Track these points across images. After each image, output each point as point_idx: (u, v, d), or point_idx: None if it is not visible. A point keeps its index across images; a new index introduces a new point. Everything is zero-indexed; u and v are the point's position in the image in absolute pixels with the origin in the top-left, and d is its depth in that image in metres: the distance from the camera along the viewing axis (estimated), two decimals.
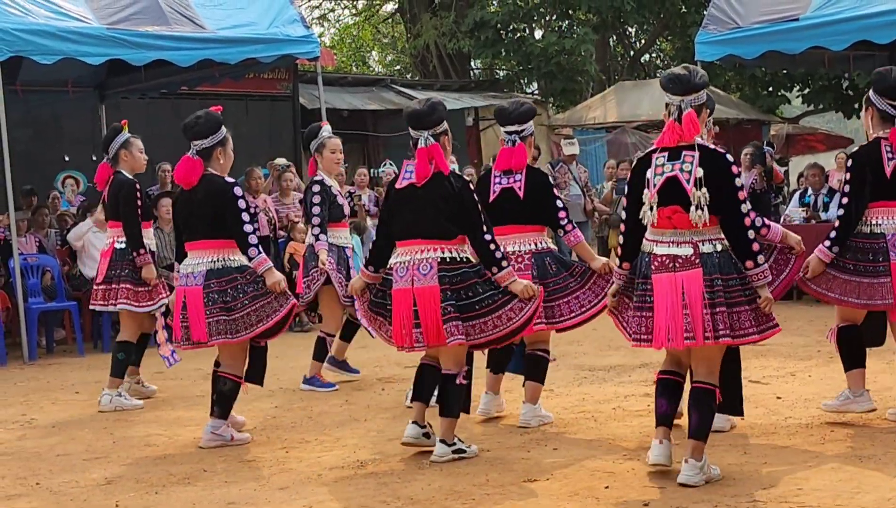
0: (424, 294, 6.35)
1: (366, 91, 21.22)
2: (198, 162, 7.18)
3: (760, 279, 5.70)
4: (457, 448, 6.48)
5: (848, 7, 12.87)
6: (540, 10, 26.24)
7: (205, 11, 12.97)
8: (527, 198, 7.24)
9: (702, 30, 14.39)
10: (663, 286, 5.68)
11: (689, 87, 5.75)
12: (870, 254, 6.72)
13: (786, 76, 24.30)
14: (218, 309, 7.05)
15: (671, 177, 5.69)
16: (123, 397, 8.67)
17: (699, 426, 5.73)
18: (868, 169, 6.72)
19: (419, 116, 6.56)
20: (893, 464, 5.88)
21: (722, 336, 5.63)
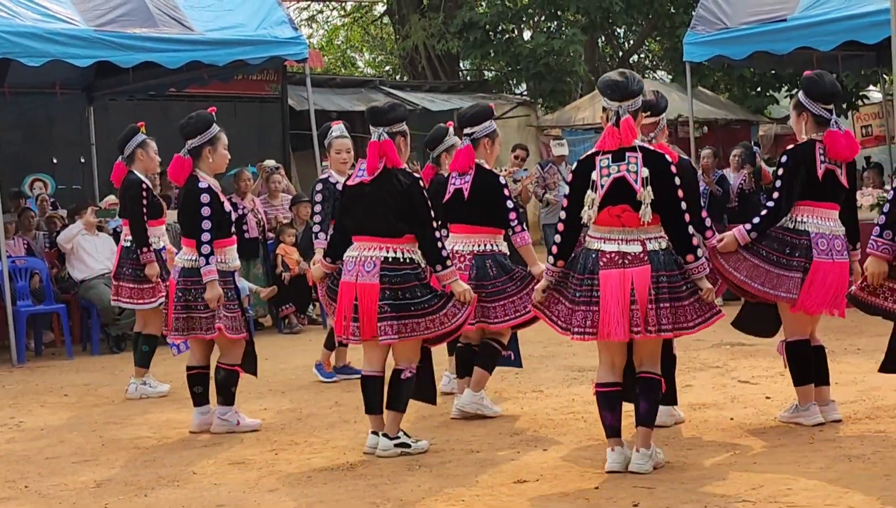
0: (365, 291, 6.56)
1: (355, 92, 21.22)
2: (186, 161, 7.39)
3: (700, 272, 5.99)
4: (400, 441, 6.65)
5: (835, 7, 12.90)
6: (528, 11, 26.25)
7: (193, 13, 12.95)
8: (472, 198, 7.46)
9: (690, 30, 14.42)
10: (613, 282, 5.90)
11: (626, 93, 5.97)
12: (787, 247, 6.79)
13: (774, 76, 24.32)
14: (181, 306, 7.43)
15: (619, 177, 5.92)
16: (148, 384, 8.95)
17: (647, 414, 6.01)
18: (802, 168, 6.83)
19: (377, 112, 6.79)
20: (882, 464, 5.90)
21: (664, 330, 5.91)
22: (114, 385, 9.78)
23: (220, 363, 7.58)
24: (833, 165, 6.83)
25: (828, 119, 6.86)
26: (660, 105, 7.02)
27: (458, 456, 6.56)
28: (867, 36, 12.47)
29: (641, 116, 6.16)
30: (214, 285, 7.31)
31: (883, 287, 6.21)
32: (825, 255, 6.75)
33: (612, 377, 6.10)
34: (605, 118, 6.03)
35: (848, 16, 12.71)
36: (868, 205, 12.60)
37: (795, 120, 7.07)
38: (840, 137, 6.82)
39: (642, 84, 6.06)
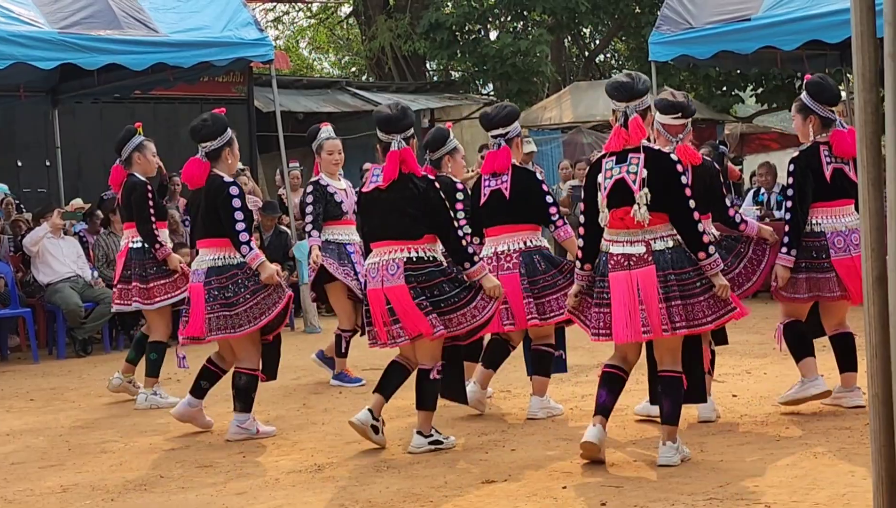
0: (395, 293, 6.55)
1: (321, 93, 21.19)
2: (205, 164, 7.37)
3: (713, 268, 6.00)
4: (433, 439, 6.70)
5: (798, 7, 12.98)
6: (495, 12, 26.28)
7: (158, 15, 12.91)
8: (513, 197, 7.45)
9: (655, 30, 14.48)
10: (620, 284, 5.96)
11: (632, 93, 6.07)
12: (813, 251, 7.07)
13: (739, 76, 24.46)
14: (219, 305, 7.25)
15: (619, 179, 5.99)
16: (159, 395, 8.78)
17: (671, 411, 6.06)
18: (809, 172, 7.05)
19: (391, 120, 6.74)
20: (847, 460, 5.94)
21: (679, 328, 5.93)
22: (80, 389, 9.74)
23: (239, 369, 7.41)
24: (841, 163, 7.04)
25: (833, 119, 7.07)
26: (690, 108, 7.10)
27: (427, 457, 6.56)
28: (830, 35, 12.56)
29: (651, 116, 6.26)
30: (267, 265, 7.28)
31: None
32: (843, 252, 7.02)
33: (621, 363, 6.24)
34: (615, 119, 6.12)
35: (811, 15, 12.79)
36: None
37: (801, 123, 7.20)
38: (846, 135, 7.03)
39: (648, 84, 6.15)
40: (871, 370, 3.02)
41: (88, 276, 12.21)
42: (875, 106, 2.97)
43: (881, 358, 2.95)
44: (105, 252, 12.47)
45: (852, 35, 2.97)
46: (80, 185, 17.14)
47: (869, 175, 2.94)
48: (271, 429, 7.49)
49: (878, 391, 2.98)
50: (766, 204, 14.56)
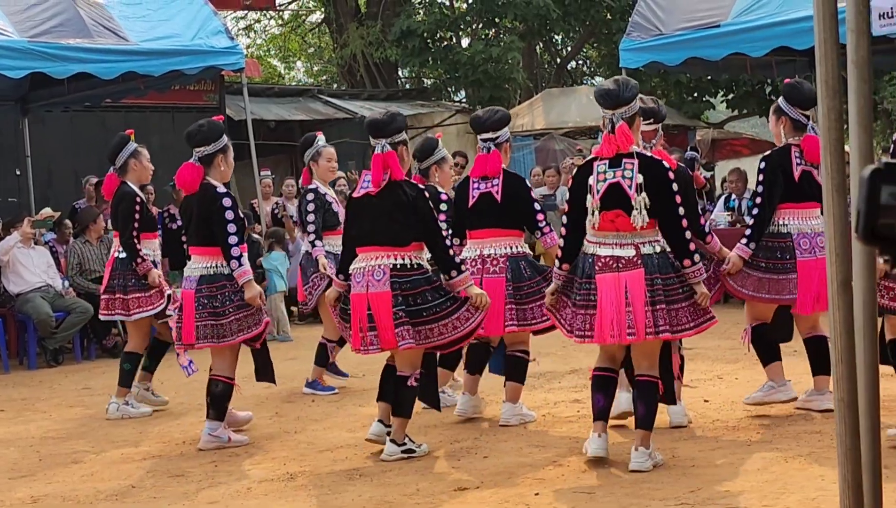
0: (377, 300, 6.58)
1: (293, 101, 21.16)
2: (199, 168, 7.40)
3: (696, 277, 6.11)
4: (406, 447, 6.70)
5: (767, 14, 13.05)
6: (466, 19, 26.31)
7: (128, 23, 12.88)
8: (504, 202, 7.49)
9: (626, 37, 14.53)
10: (608, 285, 6.04)
11: (618, 101, 6.13)
12: (777, 252, 7.18)
13: (710, 82, 24.56)
14: (207, 313, 7.30)
15: (614, 183, 6.06)
16: (130, 405, 8.70)
17: (645, 416, 6.13)
18: (780, 172, 7.15)
19: (378, 124, 6.83)
20: (818, 464, 5.97)
21: (662, 331, 6.01)
22: (51, 400, 9.69)
23: (215, 376, 7.41)
24: (810, 167, 7.15)
25: (805, 124, 7.19)
26: (660, 112, 7.20)
27: (399, 465, 6.56)
28: (798, 42, 12.63)
29: (639, 121, 6.33)
30: (252, 285, 7.34)
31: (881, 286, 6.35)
32: (808, 253, 7.13)
33: (609, 364, 6.33)
34: (602, 125, 6.23)
35: (779, 22, 12.86)
36: None
37: (774, 124, 7.35)
38: (817, 141, 7.06)
39: (636, 90, 6.21)
40: (837, 375, 3.04)
41: (59, 286, 12.15)
42: (838, 113, 3.00)
43: (847, 363, 2.97)
44: (80, 260, 12.41)
45: (815, 43, 3.00)
46: (51, 194, 17.05)
47: (833, 181, 2.96)
48: (244, 438, 7.47)
49: (843, 395, 3.00)
50: (738, 210, 14.62)
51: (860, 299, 2.97)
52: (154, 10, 13.51)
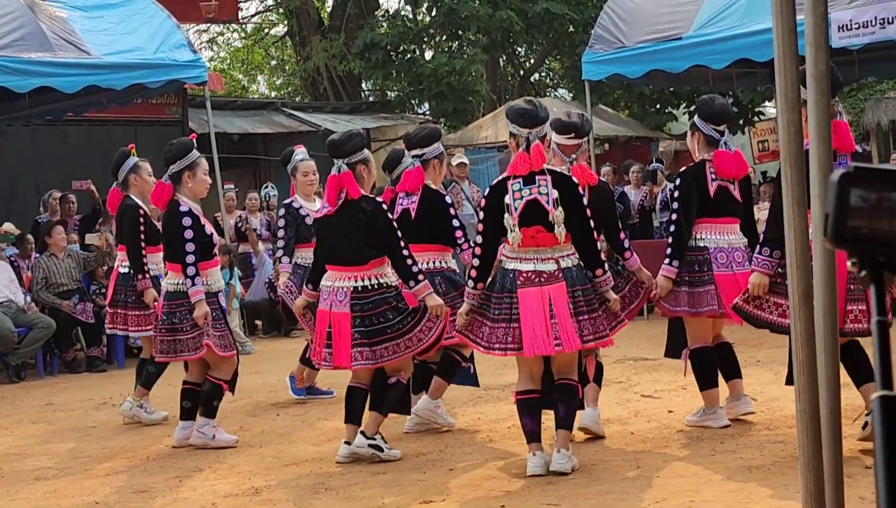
0: (337, 319, 6.76)
1: (256, 114, 21.11)
2: (167, 186, 7.60)
3: (608, 285, 6.40)
4: (375, 443, 6.81)
5: (728, 26, 13.16)
6: (430, 31, 26.34)
7: (90, 37, 12.83)
8: (419, 218, 7.54)
9: (588, 49, 14.60)
10: (531, 299, 6.18)
11: (535, 120, 6.33)
12: (695, 265, 7.22)
13: (673, 94, 24.68)
14: (165, 329, 7.59)
15: (531, 200, 6.22)
16: (145, 409, 8.74)
17: (566, 417, 6.33)
18: (695, 186, 7.21)
19: (334, 145, 6.96)
20: (781, 474, 6.00)
21: (587, 340, 6.22)
22: (13, 416, 9.62)
23: (208, 377, 7.70)
24: (725, 182, 7.21)
25: (717, 139, 7.23)
26: (584, 128, 7.19)
27: (364, 478, 6.56)
28: (759, 54, 12.73)
29: (548, 139, 6.50)
30: (202, 304, 7.50)
31: (768, 301, 6.51)
32: (725, 268, 7.18)
33: (532, 385, 6.44)
34: (516, 144, 6.34)
35: (740, 34, 12.97)
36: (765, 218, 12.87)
37: (690, 140, 7.48)
38: (728, 157, 7.22)
39: (548, 112, 6.44)
40: (799, 386, 3.07)
41: (21, 301, 12.07)
42: (798, 126, 3.02)
43: (808, 374, 3.00)
44: (46, 275, 12.32)
45: (775, 56, 3.02)
46: (13, 208, 16.95)
47: (793, 193, 2.99)
48: (232, 438, 7.71)
49: (805, 405, 3.02)
50: None
51: (820, 311, 2.99)
52: (116, 23, 13.48)
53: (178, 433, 7.80)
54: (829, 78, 2.97)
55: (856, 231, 1.77)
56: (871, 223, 1.76)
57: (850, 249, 1.79)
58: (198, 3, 20.32)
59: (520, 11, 24.48)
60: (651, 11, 14.37)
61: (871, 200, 1.76)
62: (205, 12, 20.73)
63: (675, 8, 14.18)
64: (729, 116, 7.51)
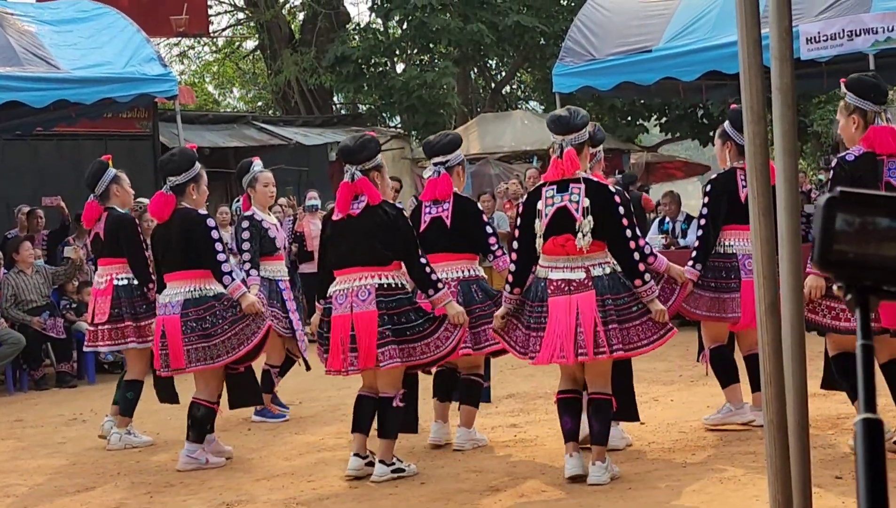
0: (363, 319, 6.63)
1: (227, 128, 21.08)
2: (171, 197, 7.55)
3: (649, 295, 6.28)
4: (396, 467, 6.74)
5: (698, 39, 13.23)
6: (401, 45, 26.39)
7: (59, 51, 12.80)
8: (454, 226, 7.48)
9: (559, 62, 14.65)
10: (559, 308, 6.19)
11: (568, 127, 6.35)
12: (723, 271, 7.31)
13: (643, 106, 24.80)
14: (196, 337, 7.41)
15: (561, 207, 6.23)
16: (133, 434, 8.55)
17: (600, 432, 6.29)
18: (725, 195, 7.31)
19: (348, 151, 6.92)
20: (752, 484, 6.02)
21: (616, 350, 6.16)
22: None
23: (197, 399, 7.52)
24: None
25: None
26: (597, 137, 7.23)
27: (337, 492, 6.54)
28: (728, 66, 12.80)
29: (588, 149, 6.51)
30: (247, 295, 7.50)
31: (821, 304, 6.51)
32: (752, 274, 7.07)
33: (572, 386, 6.45)
34: (552, 150, 6.41)
35: (709, 46, 13.05)
36: None
37: (720, 148, 7.54)
38: None
39: (587, 119, 6.44)
40: (766, 397, 3.08)
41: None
42: (764, 138, 3.04)
43: (775, 385, 3.01)
44: (15, 292, 12.24)
45: (740, 69, 3.04)
46: None
47: (759, 205, 3.00)
48: (221, 460, 7.54)
49: (773, 416, 3.03)
50: (672, 232, 14.74)
51: (788, 322, 3.00)
52: (85, 37, 13.44)
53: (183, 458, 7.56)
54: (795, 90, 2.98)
55: (842, 255, 1.79)
56: (857, 248, 1.78)
57: (836, 273, 1.81)
58: (168, 17, 20.31)
59: (491, 24, 24.56)
60: (621, 24, 14.44)
61: (856, 224, 1.78)
62: (175, 26, 20.72)
63: (645, 21, 14.25)
64: None
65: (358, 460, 6.82)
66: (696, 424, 7.72)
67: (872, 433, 1.69)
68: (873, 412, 1.73)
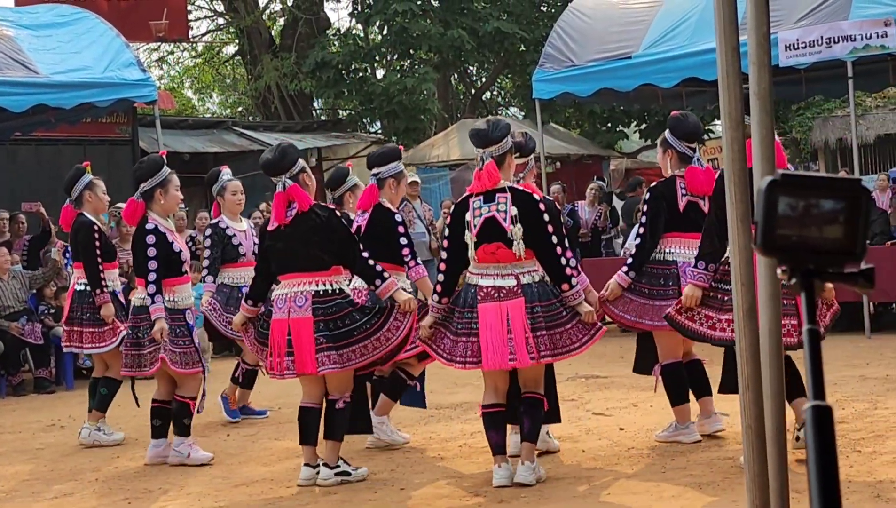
0: (299, 325, 6.69)
1: (207, 134, 21.05)
2: (139, 204, 7.69)
3: (576, 299, 6.42)
4: (340, 470, 6.77)
5: (677, 45, 13.27)
6: (381, 50, 26.38)
7: (38, 56, 12.75)
8: (367, 235, 7.54)
9: (539, 68, 14.67)
10: (489, 314, 6.30)
11: (487, 140, 6.48)
12: (661, 279, 7.29)
13: (623, 112, 24.85)
14: (130, 343, 7.71)
15: (489, 217, 6.36)
16: (103, 431, 8.63)
17: (530, 430, 6.44)
18: (664, 202, 7.29)
19: (271, 164, 6.93)
20: (730, 490, 6.03)
21: (544, 356, 6.29)
22: None
23: (175, 396, 7.73)
24: (696, 198, 7.29)
25: (690, 156, 7.33)
26: (528, 146, 7.34)
27: (316, 497, 6.53)
28: (707, 73, 12.84)
29: (511, 158, 6.60)
30: (161, 321, 7.53)
31: (699, 313, 6.71)
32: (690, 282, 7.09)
33: (496, 399, 6.52)
34: (476, 162, 6.52)
35: (688, 53, 13.09)
36: None
37: (661, 156, 7.53)
38: (699, 173, 7.29)
39: (505, 131, 6.52)
40: (744, 402, 3.09)
41: None
42: (741, 144, 3.05)
43: (753, 390, 3.02)
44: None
45: (718, 75, 3.05)
46: None
47: (737, 211, 3.01)
48: (207, 455, 7.69)
49: (750, 422, 3.04)
50: None
51: (766, 327, 3.01)
52: (65, 42, 13.40)
53: (151, 450, 7.82)
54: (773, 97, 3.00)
55: (785, 239, 1.77)
56: (800, 231, 1.77)
57: (780, 257, 1.80)
58: (147, 22, 20.26)
59: (471, 31, 24.57)
60: (601, 30, 14.47)
61: (800, 207, 1.77)
62: (155, 31, 20.67)
63: (625, 27, 14.28)
64: (700, 132, 7.71)
65: (308, 469, 6.83)
66: None
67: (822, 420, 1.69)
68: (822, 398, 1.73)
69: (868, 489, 5.84)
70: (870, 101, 26.63)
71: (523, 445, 6.44)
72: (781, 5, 12.32)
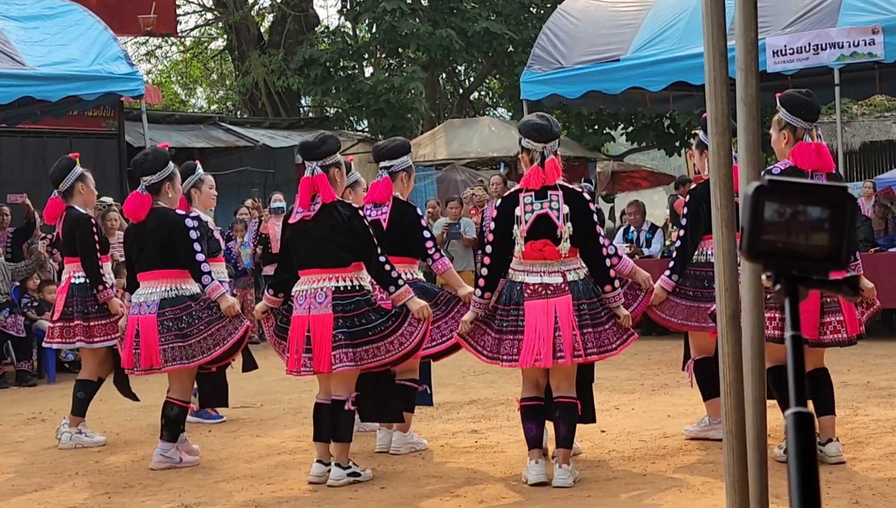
0: (317, 322, 6.64)
1: (193, 129, 21.01)
2: (146, 197, 7.53)
3: (616, 301, 6.46)
4: (352, 471, 6.73)
5: (665, 49, 13.31)
6: (369, 48, 26.37)
7: (25, 48, 12.72)
8: (391, 229, 7.50)
9: (527, 69, 14.69)
10: (537, 311, 6.28)
11: (550, 135, 6.43)
12: (705, 281, 7.29)
13: (610, 115, 24.87)
14: (173, 336, 7.39)
15: (542, 214, 6.33)
16: (84, 434, 8.48)
17: (566, 435, 6.40)
18: (704, 204, 7.16)
19: (307, 147, 6.91)
20: (711, 494, 6.04)
21: (591, 353, 6.32)
22: None
23: (171, 399, 7.50)
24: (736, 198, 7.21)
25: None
26: None
27: (297, 495, 6.52)
28: (694, 77, 12.88)
29: (559, 155, 6.56)
30: (227, 296, 7.49)
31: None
32: None
33: (535, 393, 6.53)
34: (529, 159, 6.42)
35: (676, 57, 13.13)
36: None
37: (699, 158, 7.51)
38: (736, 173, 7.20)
39: (560, 127, 6.54)
40: (726, 407, 3.09)
41: None
42: (728, 149, 3.06)
43: (735, 396, 3.03)
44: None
45: (706, 80, 3.06)
46: None
47: (722, 216, 3.02)
48: (195, 459, 7.52)
49: (732, 427, 3.05)
50: (636, 242, 14.80)
51: (748, 333, 3.02)
52: (52, 34, 13.37)
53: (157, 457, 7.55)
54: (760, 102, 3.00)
55: (771, 245, 1.77)
56: (786, 237, 1.77)
57: (765, 263, 1.80)
58: (136, 16, 20.20)
59: (460, 30, 24.58)
60: (589, 33, 14.49)
61: (787, 214, 1.77)
62: (143, 25, 20.61)
63: (614, 30, 14.31)
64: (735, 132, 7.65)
65: (321, 466, 6.79)
66: (656, 433, 7.75)
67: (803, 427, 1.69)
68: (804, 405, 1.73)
69: (847, 495, 5.85)
70: (856, 108, 26.71)
71: (560, 451, 6.37)
72: (769, 11, 12.36)
